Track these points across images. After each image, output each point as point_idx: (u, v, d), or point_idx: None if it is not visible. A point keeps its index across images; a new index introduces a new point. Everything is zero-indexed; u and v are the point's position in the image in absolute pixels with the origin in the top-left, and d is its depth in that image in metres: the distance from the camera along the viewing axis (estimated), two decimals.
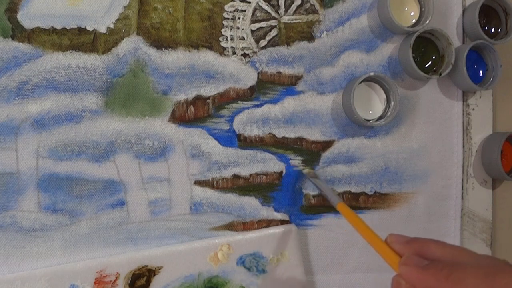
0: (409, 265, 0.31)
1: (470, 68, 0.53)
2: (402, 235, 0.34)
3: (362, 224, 0.37)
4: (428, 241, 0.32)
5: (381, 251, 0.34)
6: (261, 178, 0.50)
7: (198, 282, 0.48)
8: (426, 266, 0.30)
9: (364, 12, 0.52)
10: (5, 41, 0.45)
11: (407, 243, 0.33)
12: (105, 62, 0.47)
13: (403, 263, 0.31)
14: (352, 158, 0.52)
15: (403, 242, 0.33)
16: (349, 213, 0.39)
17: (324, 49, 0.52)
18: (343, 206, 0.41)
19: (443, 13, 0.54)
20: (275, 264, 0.49)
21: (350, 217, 0.39)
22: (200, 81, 0.49)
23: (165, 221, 0.48)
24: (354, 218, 0.38)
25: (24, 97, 0.46)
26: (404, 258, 0.31)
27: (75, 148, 0.47)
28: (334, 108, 0.52)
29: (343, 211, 0.40)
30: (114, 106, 0.47)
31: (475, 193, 0.55)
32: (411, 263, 0.31)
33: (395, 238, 0.34)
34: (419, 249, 0.32)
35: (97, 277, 0.45)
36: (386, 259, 0.33)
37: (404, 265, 0.31)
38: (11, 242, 0.45)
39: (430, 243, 0.32)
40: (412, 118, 0.53)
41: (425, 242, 0.32)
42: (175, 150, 0.49)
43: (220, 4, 0.49)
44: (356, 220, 0.38)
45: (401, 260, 0.32)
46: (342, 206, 0.41)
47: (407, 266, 0.31)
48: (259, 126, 0.50)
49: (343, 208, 0.40)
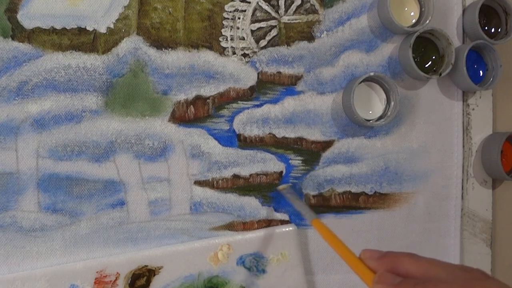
0: (382, 283, 0.30)
1: (470, 68, 0.53)
2: (376, 250, 0.34)
3: (337, 240, 0.37)
4: (400, 255, 0.32)
5: (356, 268, 0.33)
6: (261, 178, 0.50)
7: (198, 282, 0.48)
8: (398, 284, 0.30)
9: (364, 12, 0.52)
10: (5, 41, 0.45)
11: (380, 259, 0.33)
12: (105, 62, 0.47)
13: (376, 281, 0.31)
14: (352, 158, 0.52)
15: (376, 258, 0.33)
16: (324, 229, 0.39)
17: (324, 49, 0.52)
18: (318, 223, 0.40)
19: (443, 13, 0.54)
20: (275, 264, 0.49)
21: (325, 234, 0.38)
22: (200, 81, 0.49)
23: (165, 221, 0.48)
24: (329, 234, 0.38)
25: (24, 97, 0.46)
26: (377, 276, 0.31)
27: (75, 148, 0.47)
28: (334, 108, 0.52)
29: (318, 227, 0.40)
30: (114, 106, 0.47)
31: (475, 193, 0.55)
32: (384, 281, 0.31)
33: (369, 254, 0.34)
34: (392, 264, 0.32)
35: (97, 277, 0.45)
36: (360, 276, 0.33)
37: (378, 283, 0.31)
38: (11, 242, 0.45)
39: (403, 257, 0.32)
40: (412, 118, 0.53)
41: (397, 256, 0.32)
42: (175, 150, 0.49)
43: (220, 4, 0.49)
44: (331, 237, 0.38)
45: (375, 278, 0.31)
46: (317, 222, 0.40)
47: (380, 285, 0.31)
48: (259, 126, 0.50)
49: (318, 224, 0.40)
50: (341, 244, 0.36)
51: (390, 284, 0.30)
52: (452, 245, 0.54)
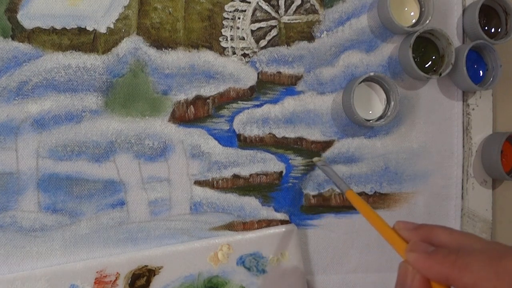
0: (416, 251, 0.31)
1: (470, 68, 0.53)
2: (410, 222, 0.34)
3: (371, 211, 0.37)
4: (435, 227, 0.32)
5: (389, 237, 0.34)
6: (261, 178, 0.50)
7: (198, 282, 0.48)
8: (432, 252, 0.30)
9: (364, 12, 0.52)
10: (5, 41, 0.45)
11: (415, 230, 0.33)
12: (105, 62, 0.47)
13: (409, 249, 0.31)
14: (352, 158, 0.52)
15: (410, 229, 0.33)
16: (357, 200, 0.40)
17: (324, 49, 0.52)
18: (351, 194, 0.41)
19: (443, 13, 0.54)
20: (275, 264, 0.49)
21: (359, 205, 0.39)
22: (200, 81, 0.49)
23: (165, 221, 0.48)
24: (362, 205, 0.39)
25: (24, 97, 0.46)
26: (411, 244, 0.32)
27: (75, 148, 0.47)
28: (334, 108, 0.52)
29: (351, 198, 0.41)
30: (114, 106, 0.47)
31: (475, 193, 0.55)
32: (417, 249, 0.31)
33: (403, 224, 0.34)
34: (426, 235, 0.32)
35: (97, 277, 0.45)
36: (393, 245, 0.33)
37: (411, 252, 0.31)
38: (11, 242, 0.46)
39: (437, 229, 0.32)
40: (412, 118, 0.53)
41: (432, 228, 0.32)
42: (175, 150, 0.49)
43: (220, 4, 0.49)
44: (364, 208, 0.38)
45: (408, 246, 0.32)
46: (351, 193, 0.41)
47: (413, 253, 0.31)
48: (259, 126, 0.50)
49: (351, 195, 0.41)
50: (374, 215, 0.36)
51: (423, 252, 0.30)
52: None
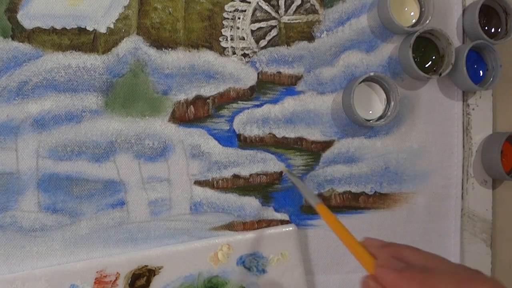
0: (386, 267, 0.31)
1: (470, 68, 0.53)
2: (378, 239, 0.34)
3: (340, 225, 0.37)
4: (402, 246, 0.33)
5: (357, 253, 0.34)
6: (261, 178, 0.50)
7: (198, 282, 0.48)
8: (403, 269, 0.30)
9: (364, 12, 0.52)
10: (5, 41, 0.45)
11: (382, 247, 0.33)
12: (105, 62, 0.47)
13: (380, 264, 0.32)
14: (352, 158, 0.52)
15: (378, 246, 0.34)
16: (327, 214, 0.39)
17: (324, 49, 0.52)
18: (322, 207, 0.40)
19: (443, 13, 0.54)
20: (275, 264, 0.49)
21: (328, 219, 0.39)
22: (200, 81, 0.49)
23: (165, 221, 0.48)
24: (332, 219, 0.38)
25: (24, 97, 0.46)
26: (382, 260, 0.32)
27: (75, 148, 0.47)
28: (334, 108, 0.52)
29: (322, 212, 0.40)
30: (114, 106, 0.47)
31: (475, 193, 0.55)
32: (388, 265, 0.31)
33: (371, 241, 0.34)
34: (394, 253, 0.32)
35: (97, 277, 0.45)
36: (360, 260, 0.34)
37: (381, 267, 0.31)
38: (11, 242, 0.46)
39: (405, 248, 0.32)
40: (412, 118, 0.53)
41: (399, 247, 0.33)
42: (175, 150, 0.49)
43: (220, 4, 0.49)
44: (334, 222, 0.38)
45: (378, 261, 0.32)
46: (321, 207, 0.40)
47: (383, 268, 0.31)
48: (259, 126, 0.50)
49: (322, 209, 0.40)
50: (343, 230, 0.36)
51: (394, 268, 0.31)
52: (452, 245, 0.54)
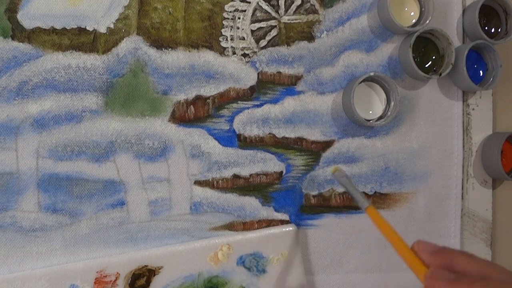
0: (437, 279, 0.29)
1: (470, 68, 0.53)
2: (430, 243, 0.33)
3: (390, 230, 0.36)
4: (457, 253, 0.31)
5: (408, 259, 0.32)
6: (261, 178, 0.50)
7: (198, 282, 0.48)
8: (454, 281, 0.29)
9: (364, 12, 0.52)
10: (5, 41, 0.45)
11: (435, 253, 0.32)
12: (105, 62, 0.47)
13: (430, 276, 0.30)
14: (352, 158, 0.52)
15: (430, 252, 0.32)
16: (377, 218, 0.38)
17: (324, 49, 0.52)
18: (372, 210, 0.39)
19: (443, 13, 0.54)
20: (275, 264, 0.49)
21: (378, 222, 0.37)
22: (200, 81, 0.49)
23: (165, 221, 0.48)
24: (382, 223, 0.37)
25: (24, 97, 0.46)
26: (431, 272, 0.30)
27: (75, 148, 0.47)
28: (334, 108, 0.52)
29: (372, 215, 0.39)
30: (114, 106, 0.47)
31: (475, 193, 0.55)
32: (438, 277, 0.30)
33: (423, 246, 0.33)
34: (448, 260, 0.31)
35: (97, 277, 0.45)
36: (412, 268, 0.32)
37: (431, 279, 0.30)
38: (11, 242, 0.45)
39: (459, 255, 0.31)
40: (412, 118, 0.53)
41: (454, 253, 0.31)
42: (175, 150, 0.49)
43: (220, 4, 0.49)
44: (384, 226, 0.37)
45: (428, 272, 0.30)
46: (371, 210, 0.39)
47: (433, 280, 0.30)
48: (259, 126, 0.50)
49: (372, 212, 0.39)
50: (393, 234, 0.35)
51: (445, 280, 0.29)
52: (452, 245, 0.54)
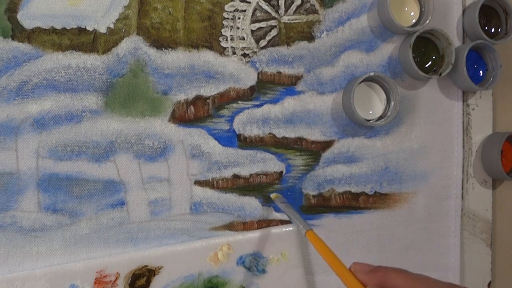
0: None
1: (470, 68, 0.53)
2: (366, 264, 0.35)
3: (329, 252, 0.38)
4: (390, 271, 0.33)
5: (346, 280, 0.34)
6: (261, 178, 0.50)
7: (198, 282, 0.48)
8: None
9: (364, 12, 0.52)
10: (5, 41, 0.45)
11: (371, 273, 0.34)
12: (105, 62, 0.47)
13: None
14: (352, 158, 0.52)
15: (367, 272, 0.34)
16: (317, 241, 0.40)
17: (324, 49, 0.52)
18: (311, 234, 0.41)
19: (443, 13, 0.54)
20: (275, 264, 0.49)
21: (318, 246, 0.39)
22: (200, 81, 0.49)
23: (165, 221, 0.48)
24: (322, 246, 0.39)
25: (24, 97, 0.46)
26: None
27: (75, 148, 0.47)
28: (334, 108, 0.52)
29: (311, 239, 0.41)
30: (114, 106, 0.47)
31: (475, 193, 0.55)
32: None
33: (360, 267, 0.35)
34: (382, 279, 0.33)
35: (97, 277, 0.45)
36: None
37: None
38: (11, 242, 0.46)
39: (393, 273, 0.33)
40: (412, 118, 0.53)
41: (387, 271, 0.33)
42: (175, 150, 0.49)
43: (220, 4, 0.49)
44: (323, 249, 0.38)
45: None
46: (311, 234, 0.41)
47: None
48: (259, 126, 0.50)
49: (311, 236, 0.41)
50: (333, 256, 0.37)
51: None
52: (452, 245, 0.54)
